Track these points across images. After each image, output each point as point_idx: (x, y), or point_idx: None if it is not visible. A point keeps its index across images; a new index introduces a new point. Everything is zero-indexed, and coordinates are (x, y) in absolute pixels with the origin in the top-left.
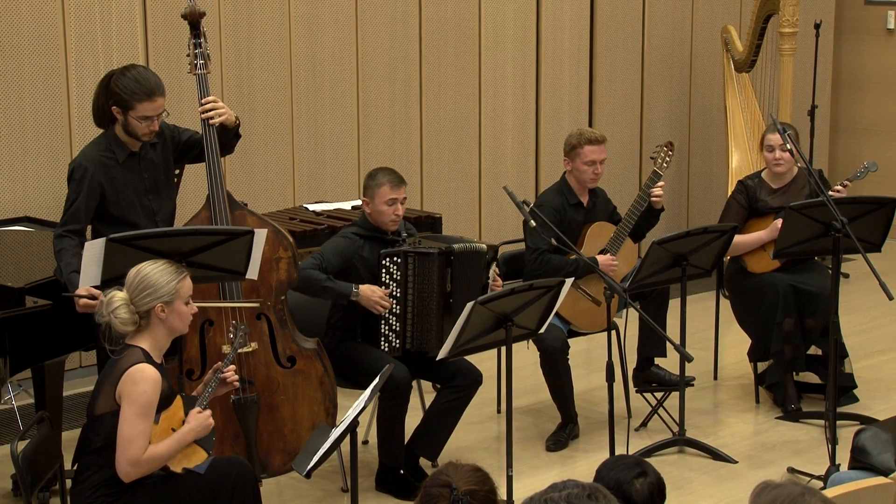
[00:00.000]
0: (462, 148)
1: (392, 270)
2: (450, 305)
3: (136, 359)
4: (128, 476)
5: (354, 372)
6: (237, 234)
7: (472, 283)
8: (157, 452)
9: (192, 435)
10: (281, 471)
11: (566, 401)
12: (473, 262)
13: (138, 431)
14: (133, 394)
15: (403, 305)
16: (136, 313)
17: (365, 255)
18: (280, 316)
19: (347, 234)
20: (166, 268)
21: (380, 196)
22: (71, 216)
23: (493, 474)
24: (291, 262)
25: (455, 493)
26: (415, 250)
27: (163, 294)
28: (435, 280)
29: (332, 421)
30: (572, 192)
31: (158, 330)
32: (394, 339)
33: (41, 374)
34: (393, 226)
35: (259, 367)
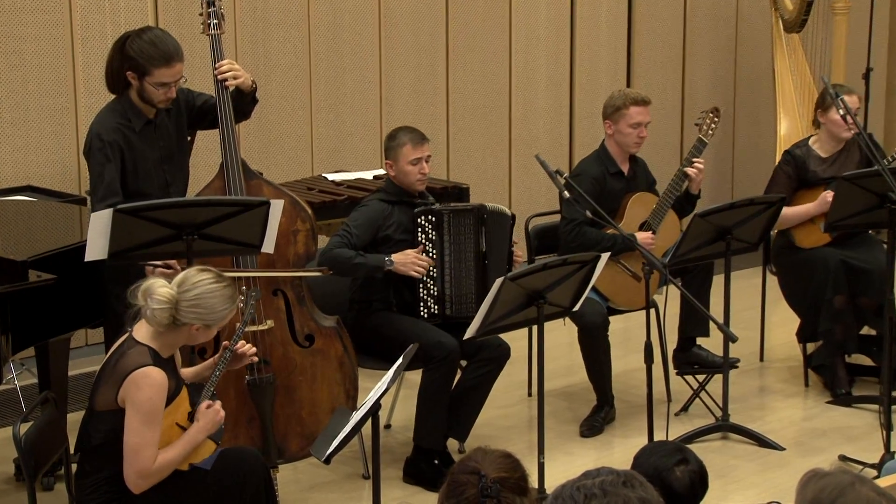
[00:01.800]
0: (491, 113)
1: (428, 230)
2: (485, 267)
3: (141, 360)
4: (138, 488)
5: (387, 345)
6: (252, 204)
7: (502, 245)
8: (168, 458)
9: (203, 433)
10: (298, 456)
11: (603, 381)
12: (502, 224)
13: (145, 441)
14: (137, 400)
15: (441, 267)
16: (174, 319)
17: (395, 220)
18: (298, 292)
19: (373, 201)
20: (226, 293)
21: (403, 157)
22: (107, 190)
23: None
24: (309, 234)
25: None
26: (450, 208)
27: (212, 320)
28: (471, 239)
29: (353, 404)
30: (612, 160)
31: (178, 338)
32: (433, 305)
33: (45, 353)
34: (420, 185)
35: (275, 346)
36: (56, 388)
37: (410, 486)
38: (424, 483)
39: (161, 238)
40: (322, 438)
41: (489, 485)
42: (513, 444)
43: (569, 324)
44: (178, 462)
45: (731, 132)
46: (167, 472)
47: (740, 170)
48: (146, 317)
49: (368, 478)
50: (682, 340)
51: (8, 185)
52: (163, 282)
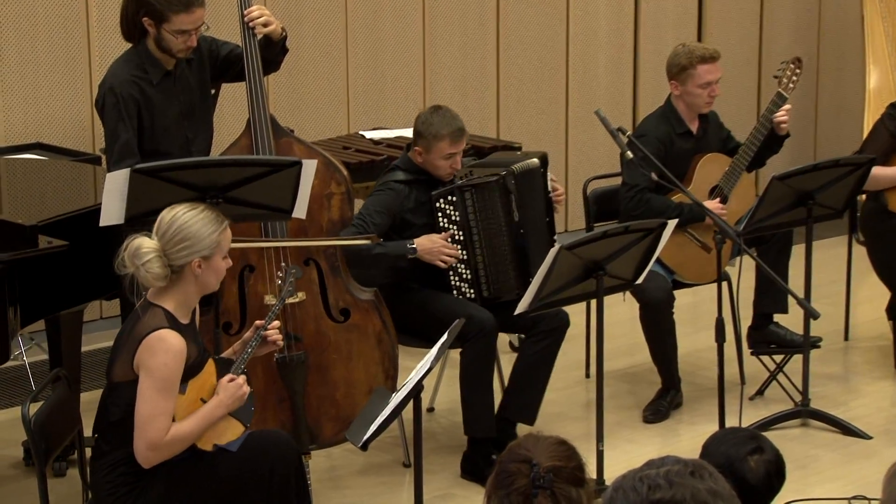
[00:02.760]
0: (546, 66)
1: (449, 212)
2: (522, 237)
3: (156, 323)
4: (147, 461)
5: (423, 324)
6: (282, 165)
7: (537, 205)
8: (182, 432)
9: (222, 409)
10: (332, 441)
11: (669, 363)
12: (533, 182)
13: (158, 410)
14: (152, 366)
15: (471, 249)
16: (169, 266)
17: (413, 203)
18: (332, 262)
19: (389, 183)
20: (207, 215)
21: (437, 151)
22: (123, 150)
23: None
24: (345, 198)
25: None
26: (471, 183)
27: (203, 248)
28: (500, 212)
29: (393, 384)
30: (680, 118)
31: (189, 287)
32: (467, 290)
33: (56, 327)
34: (448, 177)
35: (307, 321)
36: (68, 365)
37: (455, 477)
38: (482, 479)
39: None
40: (358, 422)
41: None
42: (568, 429)
43: (630, 299)
44: (193, 437)
45: (815, 86)
46: (180, 446)
47: (824, 127)
48: (143, 279)
49: (409, 466)
50: (757, 317)
51: (15, 143)
52: (140, 237)
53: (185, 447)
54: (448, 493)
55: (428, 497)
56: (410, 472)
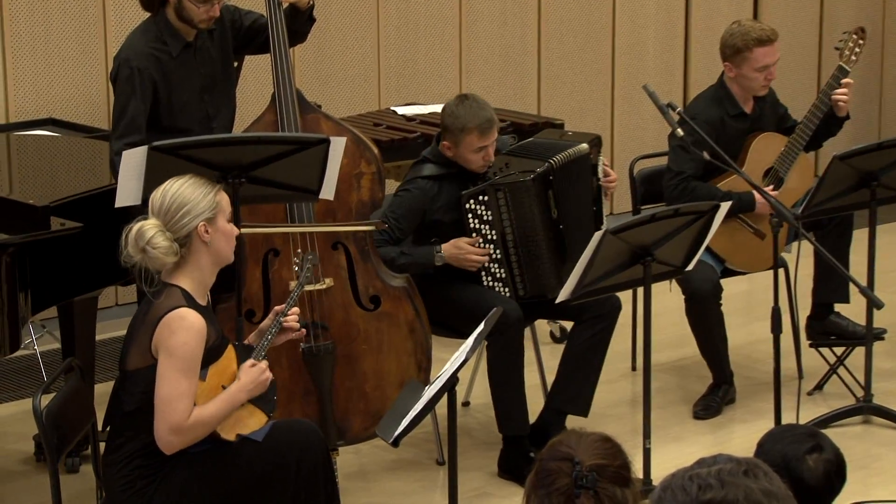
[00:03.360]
0: (591, 39)
1: (480, 212)
2: (561, 235)
3: (174, 302)
4: (170, 447)
5: (454, 315)
6: (309, 142)
7: (582, 197)
8: (204, 416)
9: (245, 393)
10: (361, 437)
11: (719, 357)
12: (578, 172)
13: (180, 392)
14: (172, 346)
15: (504, 248)
16: (176, 240)
17: (443, 201)
18: (361, 246)
19: (416, 181)
20: (196, 180)
21: (466, 145)
22: (128, 126)
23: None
24: (375, 178)
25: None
26: (504, 181)
27: (203, 209)
28: (535, 210)
29: (426, 377)
30: (734, 100)
31: (202, 259)
32: (501, 289)
33: (69, 314)
34: (482, 170)
35: (335, 309)
36: (82, 355)
37: (492, 475)
38: (520, 479)
39: None
40: (389, 417)
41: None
42: (613, 426)
43: (677, 288)
44: (216, 422)
45: (880, 58)
46: (202, 431)
47: (890, 103)
48: (152, 260)
49: (443, 464)
50: (816, 307)
51: (26, 118)
52: (136, 222)
53: (207, 432)
54: (484, 492)
55: (463, 496)
56: (444, 469)
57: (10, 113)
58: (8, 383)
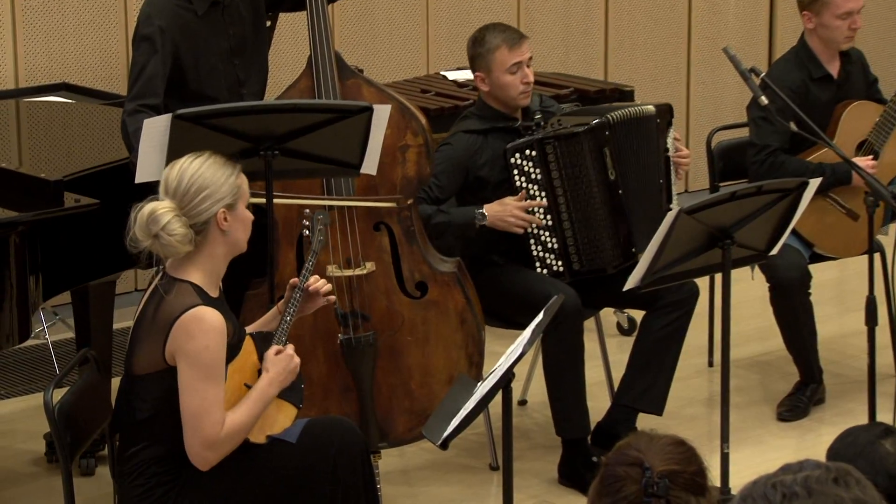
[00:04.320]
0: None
1: (527, 168)
2: (620, 201)
3: (188, 300)
4: (206, 463)
5: (509, 304)
6: (350, 111)
7: (646, 161)
8: (238, 423)
9: (275, 386)
10: (406, 438)
11: (806, 352)
12: (641, 133)
13: (209, 402)
14: (192, 351)
15: (556, 214)
16: (191, 227)
17: (488, 157)
18: (406, 226)
19: (458, 135)
20: (216, 160)
21: (498, 64)
22: (145, 86)
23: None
24: (423, 151)
25: (649, 474)
26: (553, 133)
27: (224, 194)
28: (590, 169)
29: (478, 372)
30: (816, 60)
31: (217, 248)
32: (553, 261)
33: (84, 300)
34: (524, 99)
35: (377, 297)
36: (98, 345)
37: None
38: (583, 487)
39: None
40: (437, 417)
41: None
42: (687, 427)
43: (760, 275)
44: (251, 425)
45: None
46: (239, 438)
47: None
48: (165, 247)
49: (497, 469)
50: None
51: (38, 83)
52: (148, 203)
53: (242, 439)
54: (542, 500)
55: None
56: (498, 475)
57: (20, 77)
58: (17, 376)
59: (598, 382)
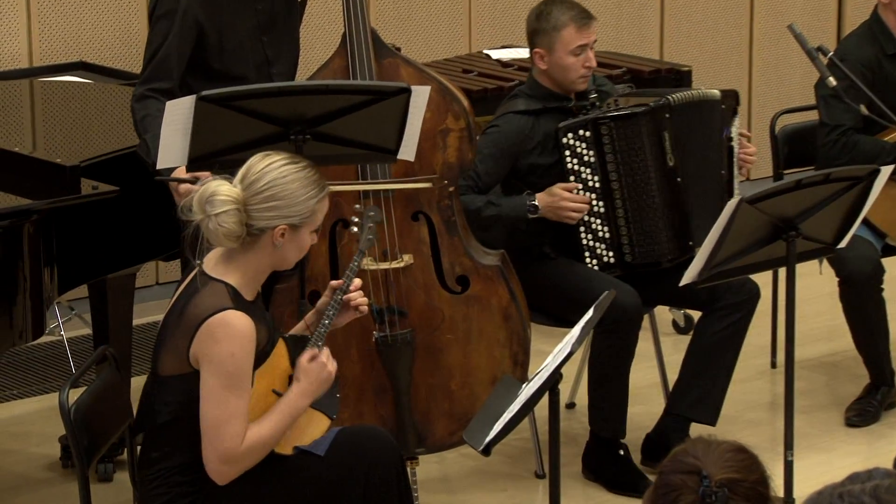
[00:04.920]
0: None
1: (580, 151)
2: (679, 189)
3: (218, 302)
4: (223, 477)
5: (556, 301)
6: (387, 92)
7: (707, 150)
8: (261, 437)
9: (307, 398)
10: (445, 443)
11: (877, 352)
12: (704, 119)
13: (229, 413)
14: (216, 358)
15: (609, 200)
16: (246, 225)
17: (539, 140)
18: (447, 215)
19: (507, 116)
20: (308, 175)
21: (562, 43)
22: (157, 68)
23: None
24: (465, 135)
25: (707, 483)
26: (609, 114)
27: (294, 213)
28: (647, 154)
29: (523, 373)
30: (889, 35)
31: (262, 257)
32: (604, 252)
33: (102, 294)
34: (582, 84)
35: (415, 292)
36: (117, 342)
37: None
38: (605, 480)
39: (260, 138)
40: (479, 420)
41: (714, 490)
42: (748, 433)
43: (828, 270)
44: (275, 440)
45: None
46: (261, 454)
47: None
48: (212, 233)
49: (543, 477)
50: None
51: (53, 62)
52: (219, 180)
53: (264, 455)
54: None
55: None
56: (544, 484)
57: (35, 55)
58: (30, 375)
59: (653, 384)
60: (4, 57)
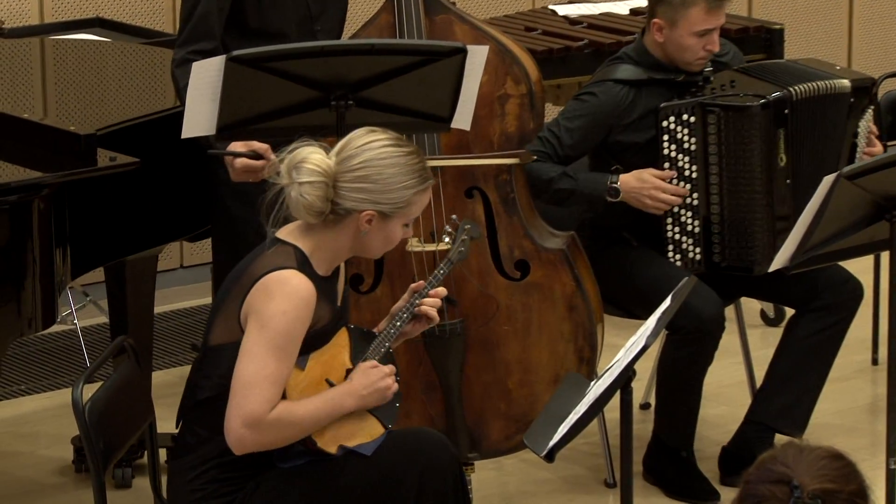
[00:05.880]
0: None
1: (681, 136)
2: (786, 190)
3: (281, 261)
4: (240, 443)
5: (629, 294)
6: (439, 53)
7: (826, 149)
8: (293, 414)
9: (354, 400)
10: (502, 448)
11: None
12: (828, 116)
13: (265, 374)
14: (265, 314)
15: (704, 192)
16: (331, 201)
17: (638, 115)
18: (505, 192)
19: (604, 84)
20: (412, 162)
21: (688, 22)
22: (197, 28)
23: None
24: (526, 102)
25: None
26: (722, 101)
27: (386, 201)
28: (756, 150)
29: (591, 370)
30: None
31: (343, 240)
32: (690, 248)
33: (120, 279)
34: (699, 66)
35: (467, 278)
36: (137, 332)
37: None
38: (665, 484)
39: (297, 104)
40: (542, 422)
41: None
42: (845, 438)
43: None
44: (308, 427)
45: None
46: (287, 433)
47: None
48: (293, 202)
49: (614, 486)
50: None
51: (67, 17)
52: (314, 147)
53: (292, 437)
54: None
55: None
56: (615, 494)
57: (47, 10)
58: (40, 369)
59: (738, 383)
60: (13, 13)
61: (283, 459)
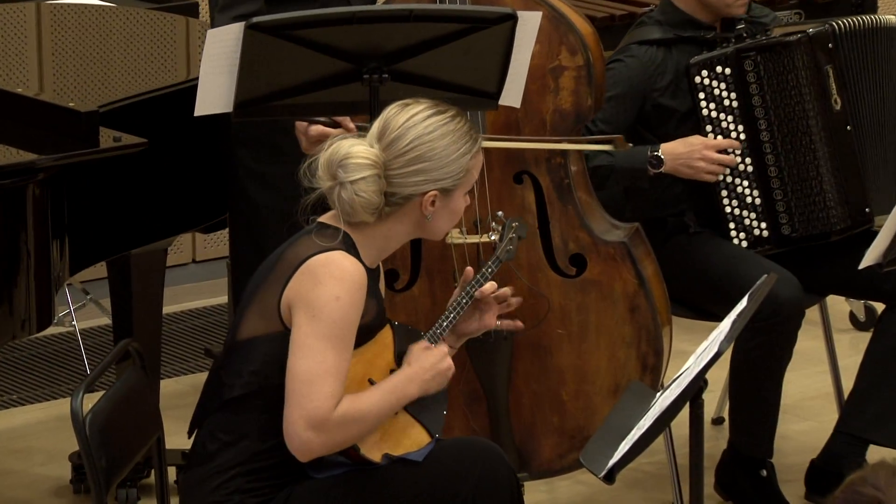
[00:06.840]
0: None
1: (718, 93)
2: (848, 138)
3: (326, 244)
4: (306, 448)
5: (696, 288)
6: (486, 19)
7: (886, 90)
8: (358, 410)
9: (416, 386)
10: (555, 467)
11: None
12: (880, 52)
13: (326, 367)
14: (318, 301)
15: (757, 156)
16: (385, 194)
17: (671, 77)
18: (558, 177)
19: (630, 49)
20: (459, 126)
21: None
22: None
23: None
24: (583, 75)
25: None
26: (757, 43)
27: (446, 175)
28: (806, 95)
29: (655, 379)
30: None
31: (401, 228)
32: (754, 222)
33: (125, 274)
34: (740, 8)
35: (515, 274)
36: (143, 335)
37: None
38: (739, 498)
39: (325, 77)
40: (600, 439)
41: None
42: None
43: None
44: (373, 422)
45: None
46: (354, 432)
47: None
48: (346, 204)
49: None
50: None
51: None
52: (351, 140)
53: (357, 437)
54: None
55: None
56: None
57: None
58: (35, 376)
59: (824, 395)
60: None
61: (317, 469)
